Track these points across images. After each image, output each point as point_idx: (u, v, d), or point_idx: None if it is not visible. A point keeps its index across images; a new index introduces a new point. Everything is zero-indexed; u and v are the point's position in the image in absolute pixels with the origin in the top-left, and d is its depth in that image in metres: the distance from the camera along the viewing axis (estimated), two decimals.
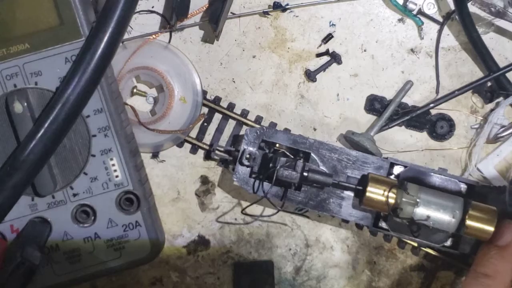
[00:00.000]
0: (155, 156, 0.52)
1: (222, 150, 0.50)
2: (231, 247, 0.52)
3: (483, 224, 0.43)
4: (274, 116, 0.51)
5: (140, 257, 0.47)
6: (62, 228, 0.46)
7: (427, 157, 0.51)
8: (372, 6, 0.51)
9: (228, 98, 0.51)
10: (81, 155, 0.46)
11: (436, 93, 0.51)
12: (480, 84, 0.50)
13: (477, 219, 0.44)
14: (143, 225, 0.47)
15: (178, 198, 0.52)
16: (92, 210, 0.46)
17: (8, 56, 0.45)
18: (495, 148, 0.50)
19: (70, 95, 0.43)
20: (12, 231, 0.46)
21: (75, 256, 0.46)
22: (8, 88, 0.45)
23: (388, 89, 0.51)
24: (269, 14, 0.51)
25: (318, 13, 0.51)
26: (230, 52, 0.51)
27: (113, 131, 0.46)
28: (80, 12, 0.45)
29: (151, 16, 0.51)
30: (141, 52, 0.50)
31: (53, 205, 0.46)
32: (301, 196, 0.47)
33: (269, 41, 0.51)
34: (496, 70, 0.49)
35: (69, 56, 0.45)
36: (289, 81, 0.51)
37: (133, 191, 0.46)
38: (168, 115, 0.50)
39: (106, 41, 0.43)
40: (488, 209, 0.44)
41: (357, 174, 0.47)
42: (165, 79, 0.50)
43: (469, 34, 0.49)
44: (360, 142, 0.48)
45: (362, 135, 0.49)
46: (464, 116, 0.51)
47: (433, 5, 0.50)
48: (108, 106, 0.46)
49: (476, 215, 0.44)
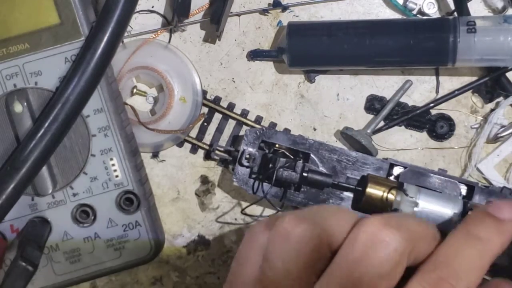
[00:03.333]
0: (155, 156, 0.52)
1: (222, 150, 0.50)
2: (231, 247, 0.52)
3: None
4: (274, 116, 0.51)
5: (140, 257, 0.47)
6: (62, 228, 0.46)
7: (427, 157, 0.51)
8: (372, 5, 0.51)
9: (228, 98, 0.51)
10: (81, 155, 0.46)
11: (436, 93, 0.51)
12: (480, 84, 0.50)
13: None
14: (143, 225, 0.47)
15: (178, 198, 0.52)
16: (92, 210, 0.46)
17: (7, 56, 0.45)
18: (495, 148, 0.50)
19: (70, 95, 0.43)
20: (12, 231, 0.46)
21: (75, 256, 0.46)
22: (8, 88, 0.45)
23: (388, 89, 0.51)
24: (269, 12, 0.51)
25: (318, 12, 0.51)
26: (230, 52, 0.51)
27: (113, 131, 0.46)
28: (80, 11, 0.45)
29: (151, 16, 0.51)
30: (141, 51, 0.50)
31: (53, 205, 0.46)
32: (301, 196, 0.47)
33: (269, 40, 0.51)
34: (496, 70, 0.49)
35: (69, 56, 0.45)
36: (289, 81, 0.51)
37: (133, 191, 0.46)
38: (168, 115, 0.50)
39: (106, 40, 0.43)
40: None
41: (357, 175, 0.47)
42: (165, 79, 0.50)
43: None
44: (354, 136, 0.48)
45: (358, 131, 0.49)
46: (464, 116, 0.51)
47: (433, 5, 0.50)
48: (108, 106, 0.46)
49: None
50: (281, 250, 0.36)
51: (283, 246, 0.36)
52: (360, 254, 0.34)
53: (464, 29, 0.46)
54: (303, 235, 0.36)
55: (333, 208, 0.40)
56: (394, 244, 0.34)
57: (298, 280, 0.36)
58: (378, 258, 0.34)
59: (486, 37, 0.46)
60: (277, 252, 0.36)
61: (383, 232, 0.35)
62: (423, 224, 0.38)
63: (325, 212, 0.38)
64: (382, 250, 0.34)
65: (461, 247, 0.37)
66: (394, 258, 0.34)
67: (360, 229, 0.35)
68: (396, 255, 0.34)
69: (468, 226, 0.38)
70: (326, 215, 0.37)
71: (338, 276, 0.34)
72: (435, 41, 0.46)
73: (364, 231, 0.35)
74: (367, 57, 0.47)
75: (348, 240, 0.36)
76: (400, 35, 0.47)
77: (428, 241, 0.37)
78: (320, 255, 0.36)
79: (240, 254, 0.39)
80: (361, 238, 0.35)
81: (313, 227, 0.36)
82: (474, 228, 0.37)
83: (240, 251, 0.39)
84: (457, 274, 0.35)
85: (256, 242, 0.38)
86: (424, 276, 0.35)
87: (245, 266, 0.38)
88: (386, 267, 0.34)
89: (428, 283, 0.35)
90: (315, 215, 0.37)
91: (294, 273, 0.36)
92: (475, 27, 0.46)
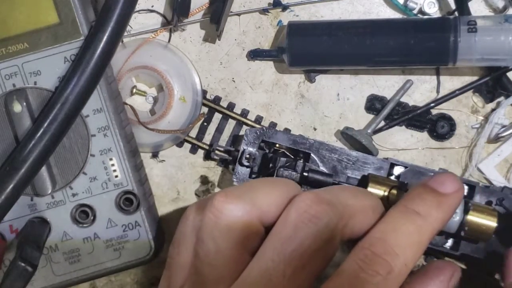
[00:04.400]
0: (154, 156, 0.51)
1: (222, 150, 0.50)
2: None
3: (483, 225, 0.43)
4: (274, 116, 0.51)
5: (139, 257, 0.47)
6: (61, 228, 0.46)
7: (427, 157, 0.51)
8: (372, 5, 0.51)
9: (228, 97, 0.51)
10: (81, 155, 0.46)
11: (437, 92, 0.51)
12: (481, 84, 0.50)
13: (478, 219, 0.43)
14: (142, 225, 0.47)
15: (178, 198, 0.52)
16: (92, 210, 0.46)
17: (7, 56, 0.45)
18: (496, 148, 0.50)
19: (70, 94, 0.43)
20: (11, 231, 0.46)
21: (74, 256, 0.46)
22: (7, 88, 0.45)
23: (389, 89, 0.51)
24: (269, 12, 0.51)
25: (318, 12, 0.51)
26: (230, 51, 0.51)
27: (113, 131, 0.46)
28: (80, 11, 0.45)
29: (151, 15, 0.51)
30: (140, 51, 0.50)
31: (52, 205, 0.46)
32: None
33: (269, 40, 0.51)
34: (497, 70, 0.49)
35: (68, 55, 0.45)
36: (289, 81, 0.51)
37: (133, 191, 0.46)
38: (168, 115, 0.50)
39: (106, 40, 0.43)
40: (488, 210, 0.44)
41: (357, 175, 0.47)
42: (165, 79, 0.50)
43: None
44: (355, 136, 0.48)
45: (359, 131, 0.49)
46: (464, 116, 0.51)
47: (434, 4, 0.50)
48: (108, 105, 0.46)
49: (477, 216, 0.43)
50: (212, 229, 0.36)
51: (214, 225, 0.36)
52: (291, 231, 0.35)
53: (464, 28, 0.46)
54: (233, 213, 0.36)
55: (266, 185, 0.39)
56: (325, 219, 0.35)
57: (229, 258, 0.36)
58: (309, 235, 0.34)
59: (487, 37, 0.45)
60: (208, 231, 0.36)
61: (314, 209, 0.35)
62: (359, 197, 0.38)
63: (257, 189, 0.38)
64: (312, 226, 0.34)
65: (398, 222, 0.36)
66: (326, 233, 0.35)
67: (293, 206, 0.36)
68: (328, 231, 0.35)
69: (406, 202, 0.37)
70: (258, 192, 0.37)
71: (271, 253, 0.34)
72: (435, 40, 0.46)
73: (296, 208, 0.35)
74: (368, 56, 0.47)
75: (281, 217, 0.36)
76: (401, 34, 0.46)
77: (365, 214, 0.37)
78: (252, 233, 0.36)
79: (175, 237, 0.39)
80: (292, 215, 0.35)
81: (243, 204, 0.36)
82: (412, 203, 0.37)
83: (175, 235, 0.39)
84: (393, 250, 0.34)
85: (189, 225, 0.38)
86: (358, 253, 0.35)
87: (180, 249, 0.38)
88: (318, 243, 0.34)
89: (362, 260, 0.34)
90: (246, 193, 0.37)
91: (225, 251, 0.36)
92: (476, 26, 0.46)
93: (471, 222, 0.43)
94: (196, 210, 0.39)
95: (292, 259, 0.34)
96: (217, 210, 0.36)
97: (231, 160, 0.49)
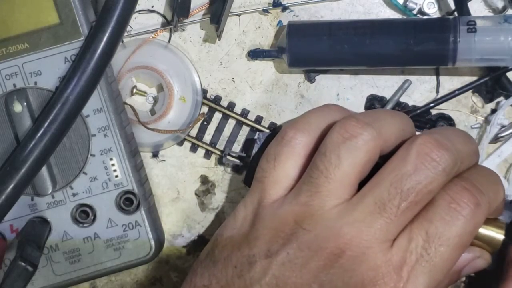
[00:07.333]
0: (155, 156, 0.51)
1: (234, 156, 0.50)
2: None
3: (486, 229, 0.42)
4: (274, 116, 0.51)
5: (140, 257, 0.47)
6: (61, 228, 0.46)
7: None
8: (372, 5, 0.51)
9: (228, 97, 0.51)
10: (81, 155, 0.46)
11: (436, 92, 0.51)
12: (480, 84, 0.50)
13: (484, 231, 0.41)
14: (143, 225, 0.47)
15: (178, 198, 0.52)
16: (92, 210, 0.46)
17: (7, 56, 0.45)
18: (496, 148, 0.50)
19: (70, 94, 0.43)
20: (11, 231, 0.46)
21: (74, 256, 0.46)
22: (7, 88, 0.45)
23: (389, 89, 0.51)
24: (269, 12, 0.51)
25: (318, 12, 0.51)
26: (230, 51, 0.51)
27: (113, 131, 0.46)
28: (80, 11, 0.45)
29: (151, 15, 0.51)
30: (140, 51, 0.50)
31: (52, 205, 0.46)
32: None
33: (269, 40, 0.51)
34: (496, 70, 0.49)
35: (69, 55, 0.45)
36: (289, 81, 0.51)
37: (133, 191, 0.46)
38: (168, 115, 0.50)
39: (106, 40, 0.43)
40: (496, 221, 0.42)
41: None
42: (165, 79, 0.50)
43: None
44: None
45: None
46: (464, 116, 0.51)
47: (433, 5, 0.50)
48: (108, 105, 0.46)
49: (483, 227, 0.42)
50: (339, 146, 0.39)
51: (341, 143, 0.39)
52: (412, 170, 0.38)
53: (464, 28, 0.46)
54: (362, 137, 0.39)
55: (389, 115, 0.42)
56: (443, 165, 0.38)
57: (347, 177, 0.39)
58: (427, 177, 0.38)
59: (487, 37, 0.46)
60: (334, 147, 0.39)
61: (435, 153, 0.38)
62: (468, 143, 0.42)
63: (382, 118, 0.41)
64: (431, 169, 0.38)
65: (486, 170, 0.43)
66: (441, 178, 0.38)
67: (414, 146, 0.39)
68: (443, 175, 0.38)
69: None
70: (383, 121, 0.41)
71: (388, 185, 0.38)
72: (435, 41, 0.46)
73: (418, 150, 0.38)
74: (367, 57, 0.47)
75: (400, 153, 0.39)
76: (400, 35, 0.47)
77: (470, 159, 0.41)
78: (372, 160, 0.40)
79: (269, 154, 0.42)
80: (413, 154, 0.38)
81: (372, 130, 0.39)
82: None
83: (269, 152, 0.42)
84: (480, 189, 0.39)
85: (294, 145, 0.41)
86: (451, 186, 0.39)
87: (277, 164, 0.41)
88: (433, 185, 0.38)
89: (454, 191, 0.38)
90: (375, 121, 0.40)
91: (346, 168, 0.39)
92: (475, 27, 0.46)
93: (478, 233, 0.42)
94: (301, 131, 0.42)
95: (408, 195, 0.37)
96: (347, 131, 0.39)
97: (242, 166, 0.50)
